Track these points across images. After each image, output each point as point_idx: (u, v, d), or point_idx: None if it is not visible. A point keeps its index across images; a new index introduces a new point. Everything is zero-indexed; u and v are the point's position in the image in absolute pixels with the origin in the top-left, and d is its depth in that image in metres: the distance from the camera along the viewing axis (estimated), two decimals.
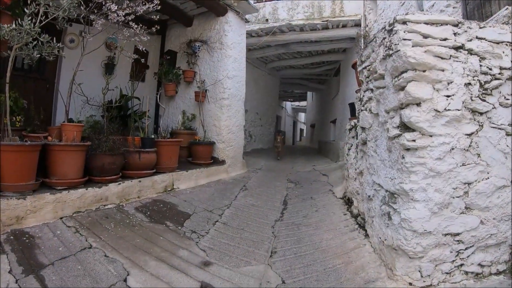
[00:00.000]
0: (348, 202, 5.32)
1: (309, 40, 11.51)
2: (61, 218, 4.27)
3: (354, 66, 5.84)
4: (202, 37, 8.35)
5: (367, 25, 9.19)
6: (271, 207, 5.70)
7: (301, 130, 34.81)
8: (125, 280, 3.14)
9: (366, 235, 4.13)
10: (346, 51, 12.49)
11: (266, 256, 3.87)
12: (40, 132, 5.12)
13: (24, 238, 3.66)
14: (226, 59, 8.07)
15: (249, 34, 10.44)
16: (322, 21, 10.29)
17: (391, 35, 3.36)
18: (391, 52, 3.34)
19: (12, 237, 3.64)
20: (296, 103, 29.69)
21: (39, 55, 4.50)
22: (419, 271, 3.12)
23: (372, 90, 4.11)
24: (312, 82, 18.52)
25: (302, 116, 34.44)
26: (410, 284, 3.12)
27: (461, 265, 3.16)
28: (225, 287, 3.18)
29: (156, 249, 3.84)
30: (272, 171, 9.18)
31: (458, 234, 3.13)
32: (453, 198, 3.11)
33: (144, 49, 5.70)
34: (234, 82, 8.21)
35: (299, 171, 9.45)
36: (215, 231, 4.53)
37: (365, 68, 4.49)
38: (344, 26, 10.45)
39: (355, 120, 5.21)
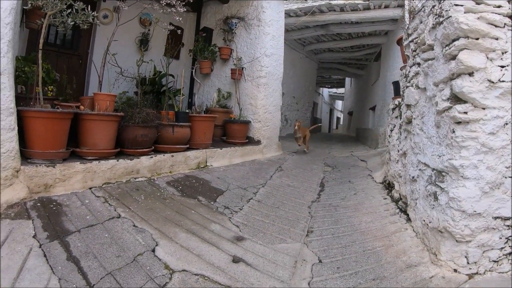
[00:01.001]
0: (389, 186, 5.07)
1: (350, 21, 11.02)
2: (90, 188, 4.19)
3: (399, 41, 5.53)
4: (239, 13, 8.10)
5: None
6: (308, 188, 5.51)
7: (338, 118, 34.13)
8: (153, 250, 3.03)
9: (408, 220, 3.88)
10: (388, 34, 11.93)
11: (302, 235, 3.69)
12: (72, 101, 5.02)
13: (51, 206, 3.59)
14: (264, 36, 7.79)
15: (287, 14, 10.05)
16: (364, 0, 9.83)
17: (442, 1, 3.12)
18: (441, 19, 3.09)
19: (39, 204, 3.56)
20: (334, 90, 29.01)
21: (73, 23, 4.37)
22: (466, 256, 2.83)
23: (419, 64, 3.87)
24: (351, 67, 17.95)
25: (339, 104, 33.72)
26: (455, 270, 2.84)
27: (510, 253, 2.85)
28: (258, 263, 3.03)
29: (187, 222, 3.71)
30: (308, 155, 8.93)
31: (508, 219, 2.81)
32: (505, 178, 2.80)
33: (180, 19, 5.51)
34: (272, 60, 7.93)
35: (336, 156, 9.18)
36: (249, 208, 4.37)
37: (411, 41, 4.24)
38: (386, 6, 9.93)
39: (399, 99, 4.93)
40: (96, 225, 3.32)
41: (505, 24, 2.83)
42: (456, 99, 2.90)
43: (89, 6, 4.51)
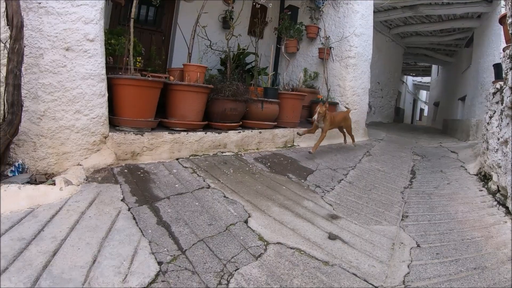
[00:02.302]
0: (484, 178, 4.71)
1: (440, 2, 10.18)
2: (177, 159, 4.15)
3: (502, 20, 4.92)
4: None
5: None
6: (398, 174, 5.26)
7: (421, 109, 32.45)
8: (245, 222, 2.95)
9: (507, 213, 3.56)
10: (481, 17, 10.89)
11: (397, 218, 3.52)
12: (160, 73, 4.99)
13: (139, 173, 3.58)
14: (353, 14, 7.36)
15: None
16: None
17: None
18: None
19: (126, 171, 3.57)
20: (418, 79, 27.43)
21: None
22: None
23: None
24: (439, 53, 16.74)
25: (423, 94, 31.97)
26: None
27: None
28: (355, 242, 2.89)
29: (279, 196, 3.59)
30: (395, 143, 8.49)
31: None
32: None
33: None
34: (361, 40, 7.48)
35: (423, 146, 8.70)
36: (341, 188, 4.20)
37: None
38: None
39: (501, 83, 4.44)
40: (185, 194, 3.26)
41: None
42: None
43: None
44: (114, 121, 3.90)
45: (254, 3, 5.45)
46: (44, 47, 3.15)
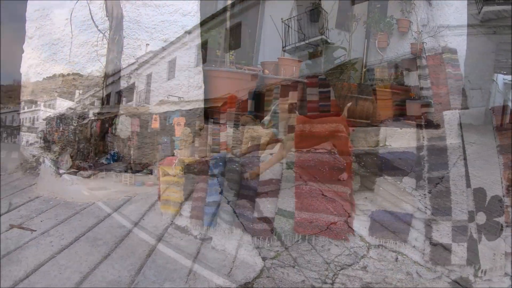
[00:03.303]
0: None
1: None
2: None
3: None
4: None
5: None
6: (495, 181, 4.99)
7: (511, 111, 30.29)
8: (346, 222, 2.95)
9: None
10: None
11: (497, 228, 3.42)
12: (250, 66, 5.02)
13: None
14: (447, 8, 7.15)
15: None
16: None
17: None
18: None
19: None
20: (510, 78, 25.71)
21: None
22: None
23: None
24: None
25: None
26: None
27: None
28: (456, 249, 2.90)
29: (377, 197, 3.59)
30: (488, 147, 7.93)
31: None
32: None
33: None
34: (454, 35, 7.12)
35: None
36: (437, 192, 4.10)
37: None
38: None
39: None
40: (283, 190, 3.21)
41: None
42: None
43: None
44: (208, 113, 3.91)
45: None
46: (142, 38, 3.23)
